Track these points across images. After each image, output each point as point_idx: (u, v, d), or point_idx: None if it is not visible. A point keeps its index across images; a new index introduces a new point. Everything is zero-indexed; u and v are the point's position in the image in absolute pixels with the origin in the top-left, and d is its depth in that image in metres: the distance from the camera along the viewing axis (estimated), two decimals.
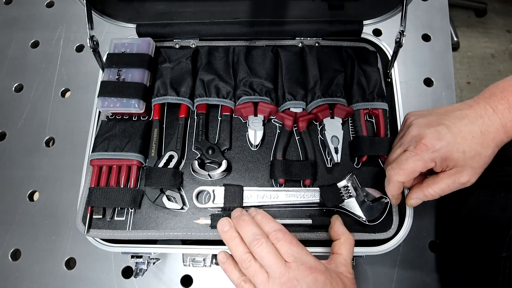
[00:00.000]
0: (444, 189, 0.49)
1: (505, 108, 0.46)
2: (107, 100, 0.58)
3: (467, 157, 0.46)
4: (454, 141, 0.46)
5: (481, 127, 0.46)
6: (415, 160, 0.47)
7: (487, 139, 0.46)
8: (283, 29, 0.64)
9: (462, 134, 0.46)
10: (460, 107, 0.49)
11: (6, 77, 0.84)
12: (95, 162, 0.57)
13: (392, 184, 0.51)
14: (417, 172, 0.48)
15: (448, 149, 0.46)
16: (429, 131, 0.47)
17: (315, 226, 0.54)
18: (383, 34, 0.83)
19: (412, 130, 0.50)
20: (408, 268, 0.66)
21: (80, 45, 0.87)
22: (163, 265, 0.68)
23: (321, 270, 0.43)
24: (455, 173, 0.48)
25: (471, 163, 0.47)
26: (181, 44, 0.66)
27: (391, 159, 0.52)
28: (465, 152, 0.46)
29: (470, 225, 0.58)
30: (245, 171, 0.58)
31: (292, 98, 0.60)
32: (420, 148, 0.47)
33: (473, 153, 0.46)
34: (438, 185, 0.49)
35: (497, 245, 0.49)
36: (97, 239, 0.55)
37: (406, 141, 0.50)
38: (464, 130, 0.47)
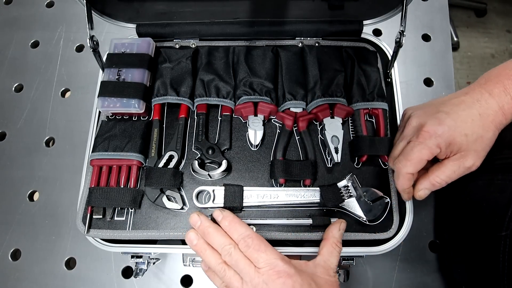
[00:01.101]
0: (450, 176, 0.49)
1: (501, 91, 0.47)
2: (107, 100, 0.58)
3: (469, 140, 0.47)
4: (455, 124, 0.47)
5: (479, 110, 0.47)
6: (421, 149, 0.48)
7: (486, 122, 0.47)
8: (283, 29, 0.64)
9: (461, 118, 0.47)
10: (456, 95, 0.50)
11: (6, 77, 0.84)
12: (95, 162, 0.57)
13: (401, 177, 0.50)
14: (424, 161, 0.48)
15: (450, 133, 0.47)
16: (429, 118, 0.48)
17: (315, 226, 0.54)
18: (383, 34, 0.83)
19: (412, 121, 0.51)
20: (408, 268, 0.66)
21: (80, 45, 0.87)
22: (163, 265, 0.68)
23: (289, 274, 0.44)
24: (460, 158, 0.48)
25: (474, 146, 0.47)
26: (181, 44, 0.66)
27: (395, 154, 0.53)
28: (468, 135, 0.47)
29: (469, 209, 0.58)
30: (245, 171, 0.58)
31: (292, 98, 0.60)
32: (423, 136, 0.48)
33: (475, 136, 0.47)
34: (443, 172, 0.49)
35: (496, 225, 0.49)
36: (97, 239, 0.55)
37: (407, 134, 0.51)
38: (463, 114, 0.47)
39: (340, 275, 0.58)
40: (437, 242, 0.68)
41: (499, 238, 0.49)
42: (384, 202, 0.55)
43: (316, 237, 0.54)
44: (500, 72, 0.49)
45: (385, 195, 0.56)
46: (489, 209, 0.53)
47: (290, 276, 0.44)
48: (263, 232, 0.54)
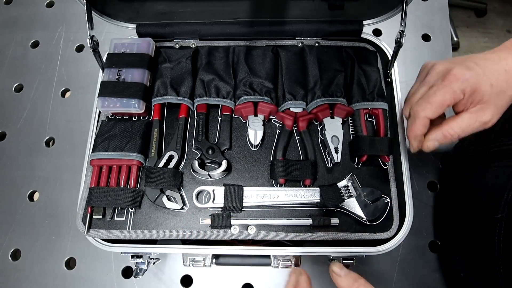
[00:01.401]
0: (464, 129, 0.48)
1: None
2: (107, 100, 0.58)
3: (493, 91, 0.46)
4: (483, 73, 0.46)
5: (505, 66, 0.47)
6: (444, 92, 0.47)
7: (511, 79, 0.47)
8: (283, 29, 0.64)
9: (489, 69, 0.47)
10: (482, 54, 0.49)
11: (6, 77, 0.84)
12: (95, 162, 0.57)
13: (418, 121, 0.48)
14: (445, 106, 0.47)
15: (477, 80, 0.46)
16: (457, 65, 0.47)
17: (315, 226, 0.54)
18: (383, 34, 0.83)
19: (437, 67, 0.49)
20: (408, 268, 0.66)
21: (80, 45, 0.87)
22: (163, 265, 0.68)
23: None
24: (479, 110, 0.47)
25: (495, 100, 0.47)
26: (181, 44, 0.66)
27: (413, 100, 0.50)
28: (493, 86, 0.46)
29: (467, 196, 0.59)
30: (245, 171, 0.58)
31: (292, 98, 0.60)
32: (449, 79, 0.47)
33: (499, 89, 0.46)
34: (458, 124, 0.48)
35: (493, 208, 0.50)
36: (97, 239, 0.55)
37: (430, 80, 0.49)
38: (490, 67, 0.47)
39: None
40: (437, 242, 0.68)
41: (494, 220, 0.49)
42: (384, 202, 0.55)
43: (316, 237, 0.54)
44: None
45: (385, 195, 0.56)
46: (486, 195, 0.53)
47: None
48: (263, 232, 0.54)
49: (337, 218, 0.54)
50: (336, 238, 0.54)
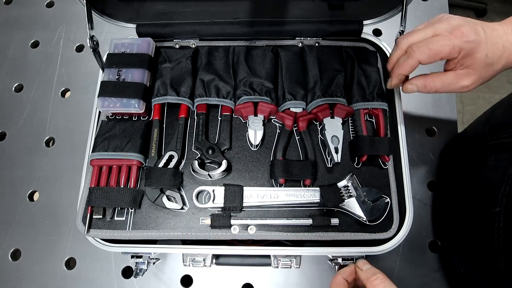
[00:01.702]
0: (445, 86, 0.51)
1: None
2: (107, 100, 0.58)
3: (484, 62, 0.49)
4: (485, 42, 0.48)
5: (505, 43, 0.49)
6: (445, 44, 0.48)
7: (504, 55, 0.49)
8: (283, 29, 0.64)
9: (490, 40, 0.49)
10: (491, 23, 0.51)
11: (6, 77, 0.84)
12: (95, 162, 0.57)
13: (411, 61, 0.50)
14: (439, 57, 0.49)
15: (476, 46, 0.48)
16: (468, 24, 0.49)
17: (315, 226, 0.54)
18: (383, 34, 0.83)
19: (451, 20, 0.50)
20: (408, 268, 0.66)
21: (80, 45, 0.87)
22: (163, 265, 0.68)
23: None
24: (464, 74, 0.50)
25: (482, 70, 0.49)
26: (181, 44, 0.66)
27: (414, 38, 0.51)
28: (487, 56, 0.49)
29: (465, 190, 0.60)
30: (245, 171, 0.58)
31: (292, 98, 0.60)
32: (455, 34, 0.48)
33: (490, 61, 0.49)
34: (442, 79, 0.51)
35: (490, 202, 0.51)
36: (97, 239, 0.55)
37: (439, 27, 0.50)
38: (493, 39, 0.49)
39: None
40: (437, 242, 0.68)
41: (493, 214, 0.50)
42: (384, 202, 0.55)
43: (316, 237, 0.54)
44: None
45: (385, 195, 0.56)
46: (483, 189, 0.53)
47: None
48: (263, 232, 0.54)
49: (337, 218, 0.54)
50: (336, 238, 0.54)
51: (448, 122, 0.76)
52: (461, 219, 0.60)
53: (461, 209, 0.60)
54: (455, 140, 0.72)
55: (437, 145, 0.74)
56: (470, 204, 0.57)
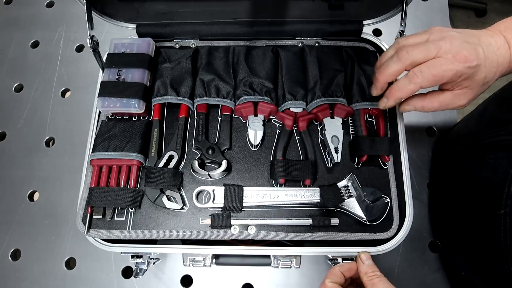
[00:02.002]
0: (443, 106, 0.51)
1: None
2: (107, 100, 0.58)
3: (482, 82, 0.48)
4: (484, 64, 0.48)
5: (499, 57, 0.48)
6: (449, 70, 0.46)
7: (498, 70, 0.49)
8: (283, 29, 0.64)
9: (489, 60, 0.48)
10: (485, 34, 0.50)
11: (6, 77, 0.84)
12: (95, 162, 0.57)
13: (412, 86, 0.48)
14: (441, 82, 0.48)
15: (477, 70, 0.47)
16: (470, 46, 0.47)
17: (315, 226, 0.54)
18: (383, 34, 0.83)
19: (454, 40, 0.48)
20: (408, 268, 0.66)
21: (80, 45, 0.87)
22: (163, 265, 0.68)
23: None
24: (461, 93, 0.50)
25: (478, 89, 0.49)
26: (181, 44, 0.66)
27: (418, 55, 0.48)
28: (485, 78, 0.48)
29: (464, 191, 0.59)
30: (245, 171, 0.58)
31: (292, 98, 0.60)
32: (458, 58, 0.47)
33: (487, 80, 0.48)
34: (439, 100, 0.50)
35: (494, 204, 0.49)
36: (97, 239, 0.55)
37: (444, 47, 0.47)
38: (490, 57, 0.48)
39: None
40: (437, 242, 0.68)
41: (498, 216, 0.48)
42: (384, 202, 0.55)
43: (316, 237, 0.54)
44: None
45: (385, 195, 0.56)
46: (484, 189, 0.52)
47: None
48: (263, 232, 0.54)
49: (337, 218, 0.54)
50: (336, 238, 0.54)
51: (448, 122, 0.76)
52: (462, 221, 0.59)
53: (462, 211, 0.60)
54: (447, 138, 0.71)
55: (437, 144, 0.74)
56: (471, 206, 0.56)
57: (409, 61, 0.48)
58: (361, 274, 0.50)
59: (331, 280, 0.49)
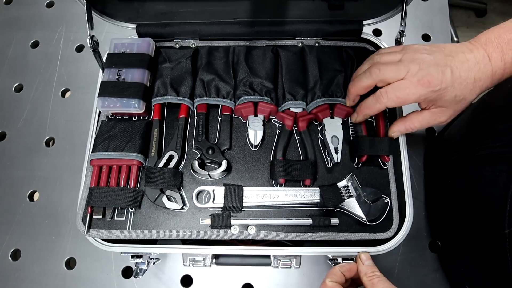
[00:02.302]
0: (424, 125, 0.53)
1: (498, 56, 0.48)
2: (107, 100, 0.58)
3: (455, 100, 0.49)
4: (452, 85, 0.48)
5: (476, 74, 0.48)
6: (412, 93, 0.49)
7: (476, 86, 0.49)
8: (283, 29, 0.64)
9: (460, 80, 0.48)
10: (463, 50, 0.50)
11: (6, 77, 0.84)
12: (95, 162, 0.57)
13: (378, 106, 0.51)
14: (405, 103, 0.51)
15: (441, 93, 0.49)
16: (436, 70, 0.48)
17: (315, 226, 0.54)
18: (383, 34, 0.83)
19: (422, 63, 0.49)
20: (408, 268, 0.66)
21: (80, 45, 0.87)
22: (163, 265, 0.68)
23: None
24: (439, 112, 0.51)
25: (455, 106, 0.50)
26: (181, 44, 0.66)
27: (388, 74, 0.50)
28: (456, 96, 0.49)
29: (464, 205, 0.58)
30: (245, 171, 0.58)
31: (292, 98, 0.60)
32: (422, 83, 0.48)
33: (461, 98, 0.49)
34: (420, 120, 0.52)
35: (496, 222, 0.49)
36: (97, 239, 0.55)
37: (412, 70, 0.49)
38: (463, 76, 0.48)
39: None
40: (437, 242, 0.68)
41: (503, 236, 0.48)
42: (384, 202, 0.55)
43: (316, 237, 0.54)
44: (500, 35, 0.49)
45: (385, 195, 0.56)
46: (485, 205, 0.52)
47: None
48: (263, 232, 0.54)
49: (337, 218, 0.54)
50: (336, 238, 0.54)
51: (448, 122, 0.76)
52: (463, 235, 0.59)
53: (463, 227, 0.59)
54: (437, 144, 0.70)
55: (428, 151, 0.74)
56: (472, 220, 0.56)
57: (379, 78, 0.51)
58: (361, 274, 0.50)
59: (331, 279, 0.49)
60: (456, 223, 0.61)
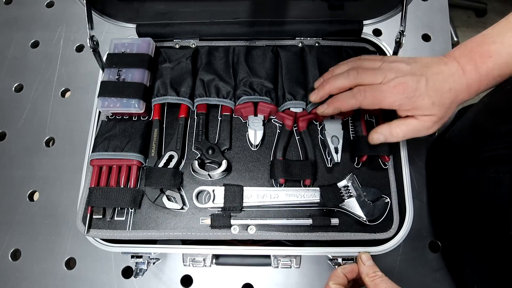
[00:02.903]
0: (408, 133, 0.52)
1: (472, 69, 0.50)
2: (107, 100, 0.58)
3: (434, 106, 0.50)
4: (426, 93, 0.49)
5: (451, 84, 0.50)
6: (387, 97, 0.50)
7: (452, 96, 0.50)
8: (283, 29, 0.64)
9: (435, 88, 0.50)
10: (438, 62, 0.52)
11: (6, 77, 0.84)
12: (95, 162, 0.57)
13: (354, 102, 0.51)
14: (380, 106, 0.51)
15: (415, 100, 0.50)
16: (412, 78, 0.50)
17: (315, 226, 0.54)
18: (383, 34, 0.83)
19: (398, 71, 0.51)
20: (408, 268, 0.66)
21: (80, 45, 0.87)
22: (163, 265, 0.68)
23: None
24: (424, 120, 0.51)
25: (440, 113, 0.50)
26: (181, 44, 0.66)
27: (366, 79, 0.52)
28: (434, 103, 0.50)
29: (467, 209, 0.58)
30: (245, 171, 0.58)
31: (292, 98, 0.60)
32: (398, 89, 0.50)
33: (441, 104, 0.50)
34: (405, 127, 0.52)
35: (502, 223, 0.49)
36: (97, 239, 0.55)
37: (389, 76, 0.51)
38: (438, 86, 0.50)
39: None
40: (437, 242, 0.68)
41: (509, 238, 0.48)
42: (384, 202, 0.55)
43: (316, 237, 0.54)
44: (473, 48, 0.51)
45: (385, 195, 0.56)
46: (490, 206, 0.52)
47: None
48: (263, 232, 0.54)
49: (337, 218, 0.54)
50: (336, 238, 0.54)
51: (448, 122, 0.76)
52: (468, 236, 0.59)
53: (467, 228, 0.59)
54: (439, 146, 0.71)
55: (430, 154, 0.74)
56: (477, 224, 0.56)
57: (356, 81, 0.52)
58: (363, 275, 0.50)
59: (334, 282, 0.50)
60: (460, 224, 0.61)
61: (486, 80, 0.50)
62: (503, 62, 0.49)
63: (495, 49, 0.49)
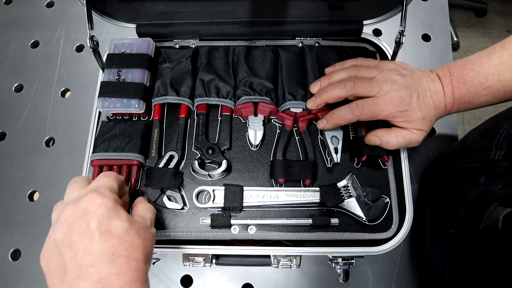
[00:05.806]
0: (402, 144, 0.54)
1: (449, 91, 0.53)
2: (107, 100, 0.58)
3: (424, 121, 0.53)
4: (418, 108, 0.52)
5: (435, 102, 0.54)
6: (383, 110, 0.52)
7: (435, 112, 0.54)
8: (283, 29, 0.64)
9: (424, 104, 0.53)
10: (427, 78, 0.55)
11: (6, 77, 0.84)
12: (96, 163, 0.57)
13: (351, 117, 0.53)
14: (377, 118, 0.53)
15: (409, 113, 0.52)
16: (406, 92, 0.52)
17: (315, 226, 0.54)
18: (383, 34, 0.83)
19: (394, 84, 0.53)
20: (408, 268, 0.66)
21: (80, 45, 0.87)
22: (163, 265, 0.68)
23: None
24: (416, 133, 0.54)
25: (425, 127, 0.53)
26: (181, 44, 0.66)
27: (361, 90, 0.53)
28: (424, 118, 0.53)
29: (432, 212, 0.61)
30: (245, 171, 0.58)
31: (292, 98, 0.60)
32: (393, 102, 0.52)
33: (428, 120, 0.53)
34: (402, 138, 0.54)
35: (448, 225, 0.53)
36: None
37: (384, 89, 0.52)
38: (426, 102, 0.53)
39: (340, 275, 0.59)
40: None
41: (447, 236, 0.52)
42: (384, 202, 0.55)
43: (316, 237, 0.54)
44: (453, 72, 0.54)
45: (385, 195, 0.56)
46: (445, 211, 0.55)
47: None
48: (263, 232, 0.54)
49: (337, 218, 0.54)
50: (336, 238, 0.54)
51: (448, 122, 0.76)
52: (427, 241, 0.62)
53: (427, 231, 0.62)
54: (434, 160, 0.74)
55: (437, 145, 0.75)
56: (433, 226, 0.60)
57: (353, 92, 0.54)
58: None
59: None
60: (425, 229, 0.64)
61: (458, 104, 0.54)
62: (474, 91, 0.52)
63: (470, 77, 0.52)
